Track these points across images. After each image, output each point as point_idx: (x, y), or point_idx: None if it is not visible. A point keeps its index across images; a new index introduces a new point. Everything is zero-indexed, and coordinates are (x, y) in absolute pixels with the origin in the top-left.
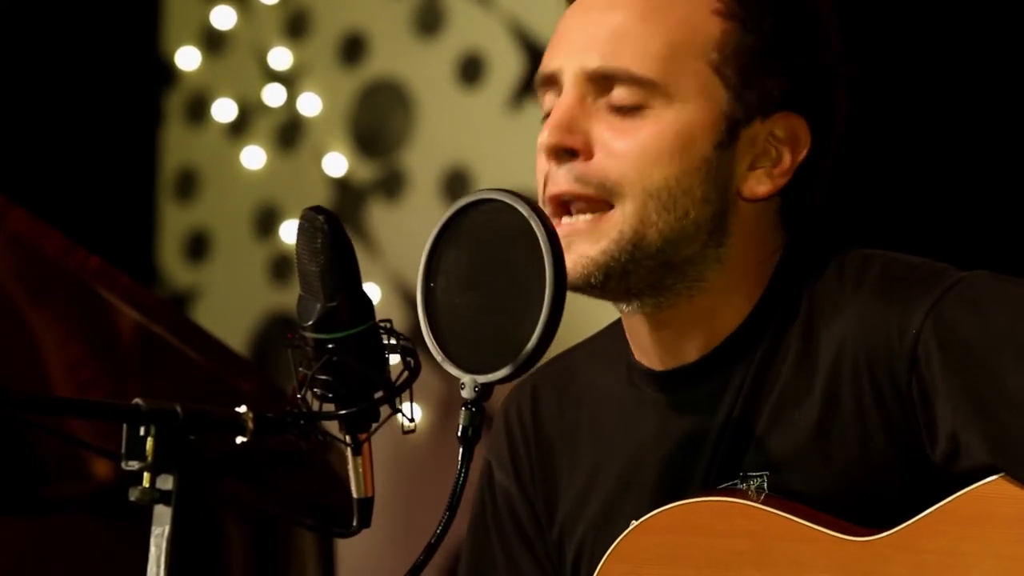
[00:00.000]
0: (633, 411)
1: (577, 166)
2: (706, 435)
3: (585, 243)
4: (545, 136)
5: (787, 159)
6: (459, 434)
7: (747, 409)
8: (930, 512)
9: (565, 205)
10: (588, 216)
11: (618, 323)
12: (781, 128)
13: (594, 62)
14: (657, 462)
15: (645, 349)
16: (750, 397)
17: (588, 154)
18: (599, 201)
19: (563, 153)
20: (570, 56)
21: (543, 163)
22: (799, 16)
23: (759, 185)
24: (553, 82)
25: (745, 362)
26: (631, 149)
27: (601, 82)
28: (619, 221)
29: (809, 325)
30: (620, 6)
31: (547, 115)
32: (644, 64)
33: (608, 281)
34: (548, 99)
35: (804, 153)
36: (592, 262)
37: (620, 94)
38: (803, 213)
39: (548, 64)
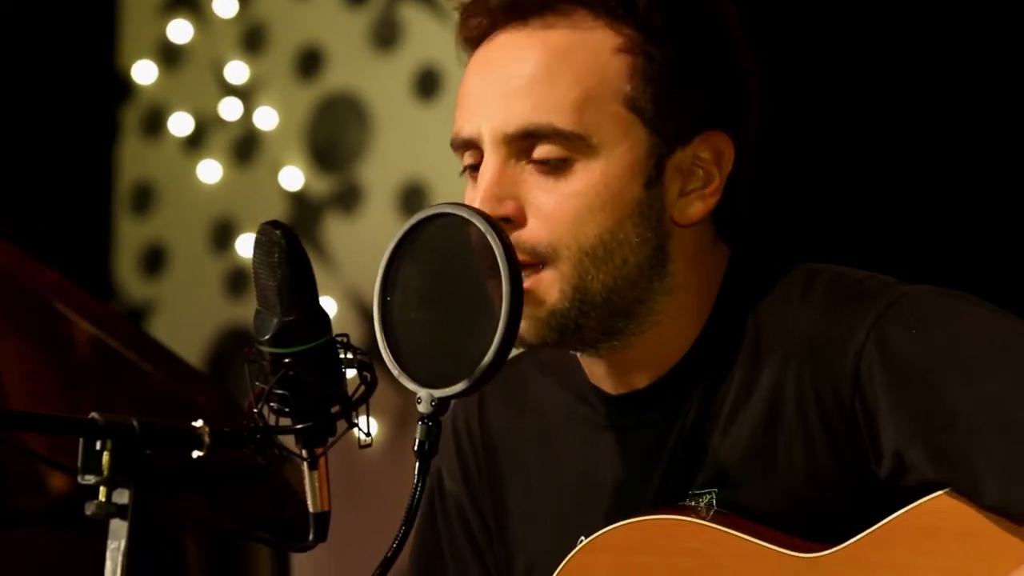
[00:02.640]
0: (585, 429)
1: (512, 235)
2: (657, 456)
3: (530, 307)
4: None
5: (716, 177)
6: (415, 448)
7: (696, 430)
8: (877, 527)
9: None
10: (526, 280)
11: None
12: (705, 148)
13: (514, 123)
14: (608, 481)
15: (598, 376)
16: (699, 419)
17: (521, 221)
18: (534, 265)
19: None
20: (486, 118)
21: None
22: (703, 34)
23: (692, 209)
24: (472, 145)
25: (694, 385)
26: (562, 210)
27: (523, 141)
28: (556, 280)
29: (755, 346)
30: (524, 59)
31: (467, 167)
32: (565, 117)
33: (563, 338)
34: (467, 156)
35: (730, 166)
36: (543, 324)
37: (544, 150)
38: (735, 223)
39: (463, 128)
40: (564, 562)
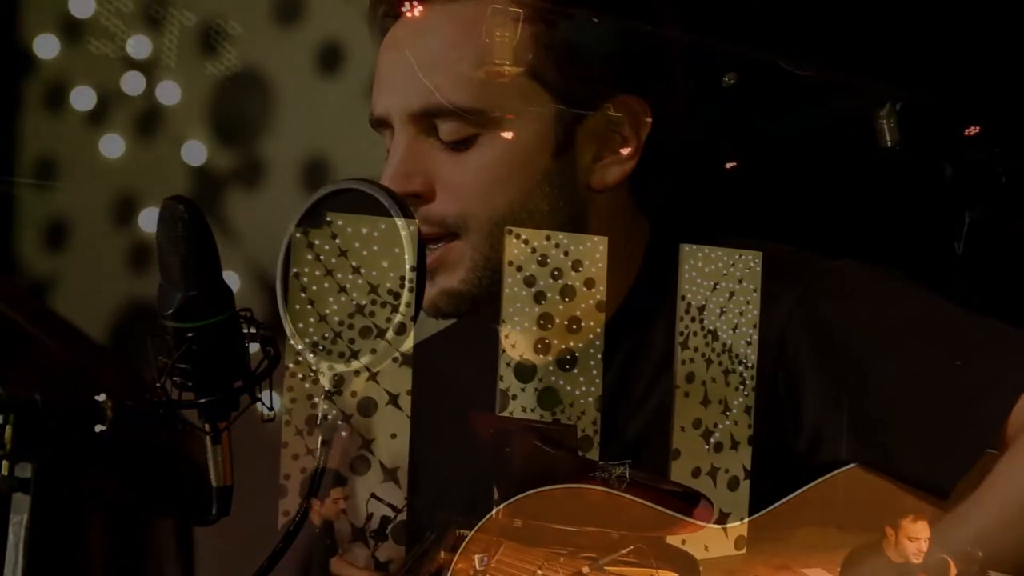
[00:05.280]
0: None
1: (421, 209)
2: None
3: (444, 276)
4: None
5: (632, 141)
6: (317, 423)
7: (612, 404)
8: (788, 499)
9: None
10: (436, 248)
11: None
12: (618, 112)
13: (416, 102)
14: None
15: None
16: (615, 392)
17: (430, 195)
18: (444, 237)
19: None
20: (393, 97)
21: None
22: (612, 3)
23: (608, 174)
24: (385, 124)
25: (612, 357)
26: (470, 184)
27: (427, 119)
28: (466, 248)
29: (673, 321)
30: (428, 35)
31: (388, 149)
32: (466, 94)
33: (477, 307)
34: (387, 136)
35: (647, 130)
36: (456, 292)
37: (448, 128)
38: (654, 192)
39: (376, 107)
40: (468, 535)
